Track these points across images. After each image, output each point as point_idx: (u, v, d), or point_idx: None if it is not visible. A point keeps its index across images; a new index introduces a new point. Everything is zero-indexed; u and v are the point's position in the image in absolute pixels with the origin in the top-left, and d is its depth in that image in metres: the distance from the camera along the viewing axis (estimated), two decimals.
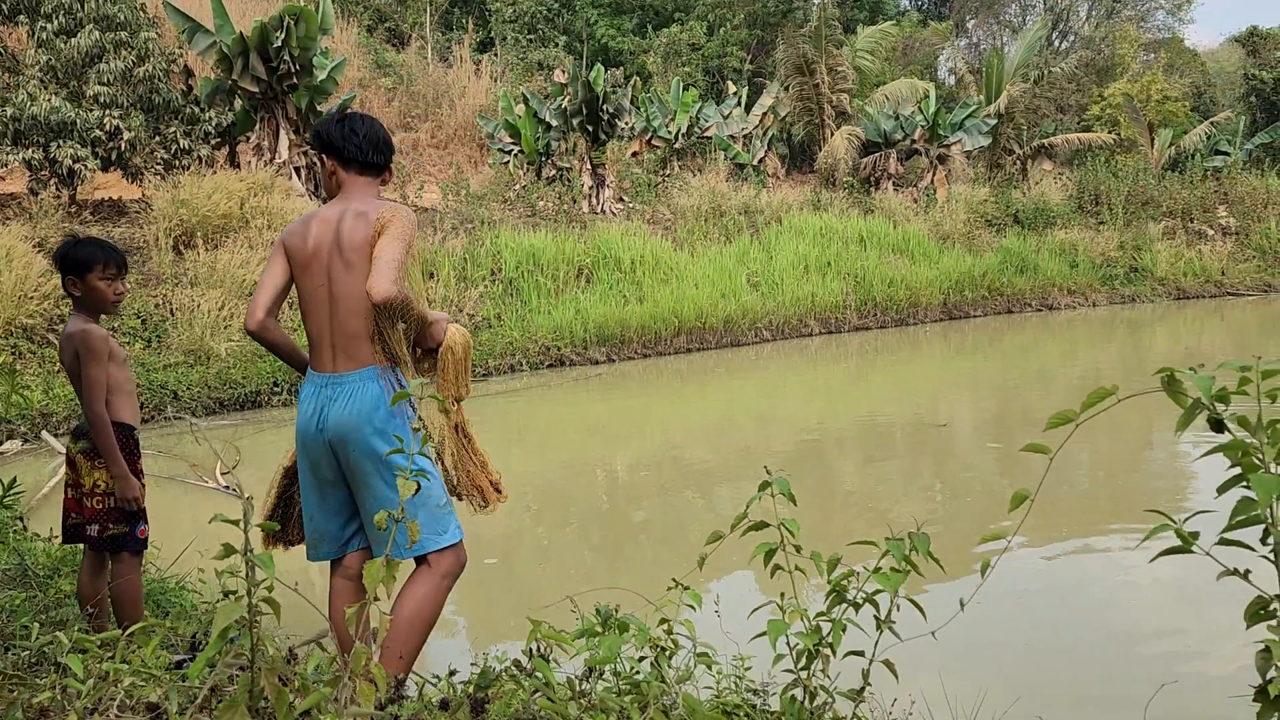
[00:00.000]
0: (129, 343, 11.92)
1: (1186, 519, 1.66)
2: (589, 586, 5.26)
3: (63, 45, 14.37)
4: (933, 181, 24.65)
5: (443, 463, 3.30)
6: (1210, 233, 24.95)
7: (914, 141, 25.01)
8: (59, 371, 11.14)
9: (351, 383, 3.03)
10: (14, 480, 5.70)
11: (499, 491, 3.40)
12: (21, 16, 14.69)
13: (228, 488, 7.82)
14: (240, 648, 1.61)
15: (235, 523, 1.61)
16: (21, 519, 5.66)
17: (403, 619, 2.90)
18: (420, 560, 3.05)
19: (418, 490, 3.03)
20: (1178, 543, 1.65)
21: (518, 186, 20.42)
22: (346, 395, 3.02)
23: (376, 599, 1.83)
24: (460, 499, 3.35)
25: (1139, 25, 40.19)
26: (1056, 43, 41.44)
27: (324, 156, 3.24)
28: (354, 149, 3.18)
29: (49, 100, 13.71)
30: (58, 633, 2.44)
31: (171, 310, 12.53)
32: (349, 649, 2.51)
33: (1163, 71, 34.42)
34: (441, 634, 5.00)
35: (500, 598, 5.66)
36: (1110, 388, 1.61)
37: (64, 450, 3.99)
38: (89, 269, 3.61)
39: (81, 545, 3.79)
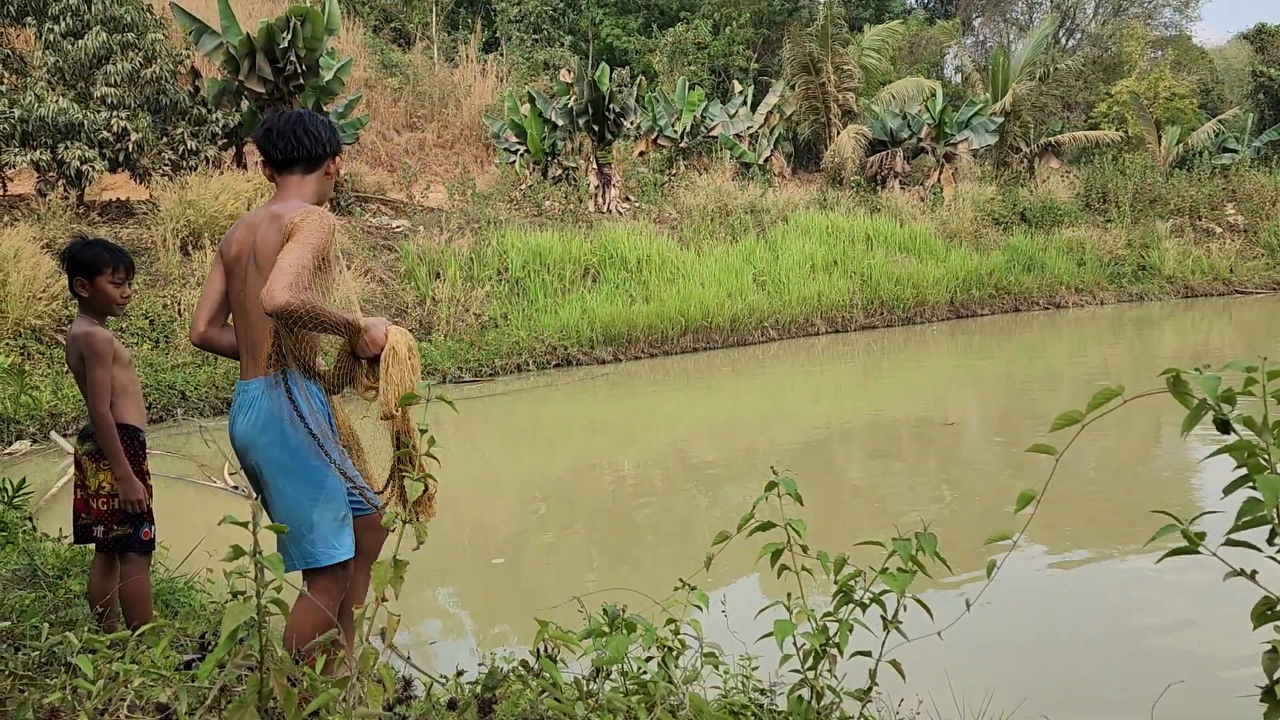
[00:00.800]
0: (136, 343, 11.96)
1: (1193, 520, 1.66)
2: (595, 586, 5.27)
3: (70, 47, 14.41)
4: (939, 180, 24.62)
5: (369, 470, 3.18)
6: (1218, 230, 24.89)
7: (920, 140, 24.99)
8: (67, 372, 11.19)
9: (253, 390, 2.97)
10: (23, 481, 5.72)
11: (419, 510, 3.19)
12: (29, 18, 14.74)
13: (235, 488, 7.85)
14: (249, 648, 1.62)
15: (244, 524, 1.62)
16: (30, 519, 5.69)
17: (294, 624, 2.79)
18: (312, 573, 2.96)
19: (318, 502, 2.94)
20: (1184, 543, 1.65)
21: (524, 186, 20.45)
22: (249, 403, 2.96)
23: (384, 599, 1.83)
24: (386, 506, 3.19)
25: (1146, 23, 40.09)
26: (1063, 40, 41.36)
27: (263, 166, 3.19)
28: (271, 148, 3.10)
29: (56, 102, 13.75)
30: (67, 633, 2.45)
31: (179, 311, 12.57)
32: (310, 657, 2.48)
33: (1170, 69, 34.34)
34: (448, 634, 5.01)
35: (507, 597, 5.66)
36: (1116, 388, 1.60)
37: (72, 451, 4.00)
38: (98, 271, 3.62)
39: (91, 545, 3.82)
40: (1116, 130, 29.18)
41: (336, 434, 3.06)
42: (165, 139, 15.39)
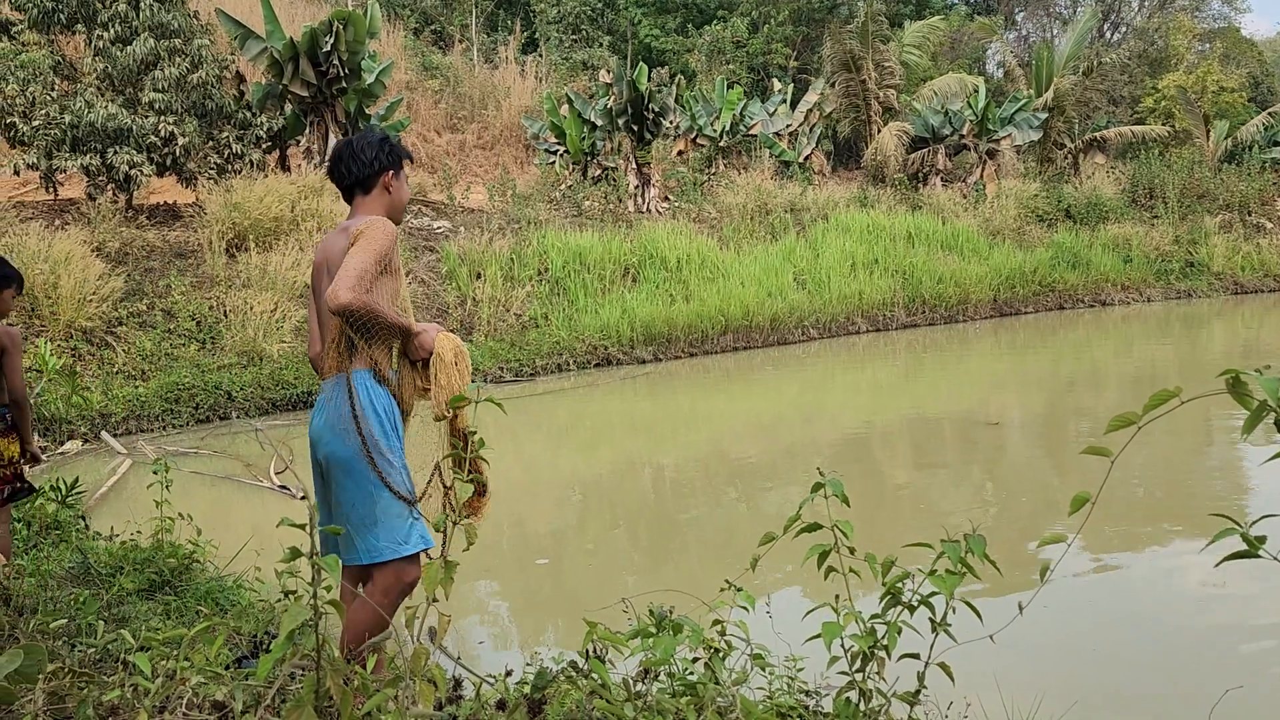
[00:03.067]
0: (184, 344, 12.15)
1: (1253, 523, 1.63)
2: (639, 586, 5.27)
3: (119, 53, 14.67)
4: (982, 177, 24.38)
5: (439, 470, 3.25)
6: (1269, 225, 24.42)
7: (962, 137, 24.75)
8: (117, 373, 11.38)
9: (330, 389, 3.10)
10: (76, 480, 5.84)
11: (470, 511, 3.30)
12: (79, 26, 15.02)
13: (283, 487, 7.94)
14: (305, 648, 1.63)
15: (301, 526, 1.64)
16: (83, 518, 5.80)
17: (355, 619, 2.89)
18: (374, 567, 3.02)
19: (382, 499, 3.00)
20: (1244, 547, 1.62)
21: (564, 186, 20.50)
22: (326, 400, 3.09)
23: (436, 599, 1.85)
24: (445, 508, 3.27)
25: (1193, 15, 39.36)
26: (1108, 34, 40.76)
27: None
28: (332, 178, 3.32)
29: (106, 107, 14.01)
30: (122, 630, 2.49)
31: (225, 312, 12.75)
32: (362, 656, 2.52)
33: (1218, 62, 33.71)
34: (495, 634, 5.04)
35: (551, 598, 5.68)
36: (1174, 389, 1.58)
37: (123, 451, 4.21)
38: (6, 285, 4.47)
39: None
40: (1163, 125, 28.71)
41: (401, 435, 3.14)
42: (211, 143, 15.62)
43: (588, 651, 2.19)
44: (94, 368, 11.38)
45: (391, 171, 3.27)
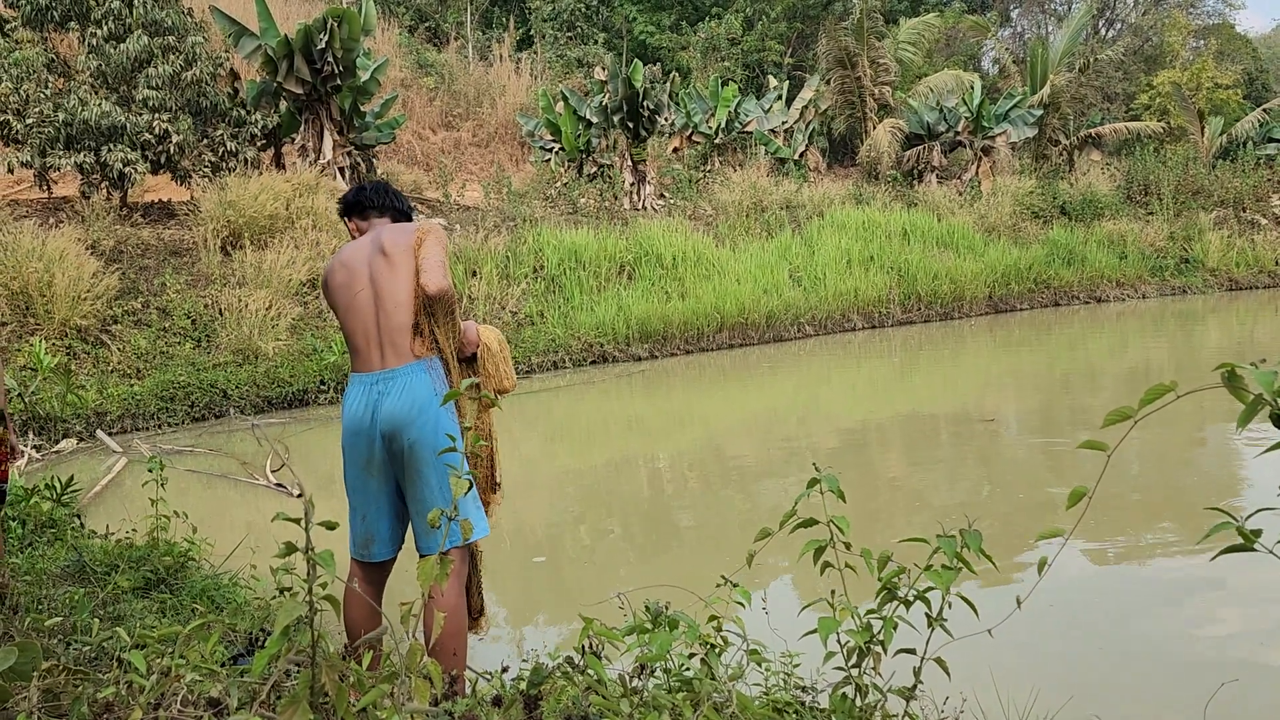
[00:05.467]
0: (179, 342, 12.13)
1: (1248, 517, 1.63)
2: (635, 583, 5.27)
3: (113, 51, 14.62)
4: (977, 173, 24.40)
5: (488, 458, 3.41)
6: (1263, 222, 24.47)
7: (958, 133, 24.76)
8: (111, 372, 11.36)
9: (403, 376, 3.12)
10: (71, 478, 5.84)
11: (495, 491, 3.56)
12: (73, 23, 14.98)
13: (279, 485, 7.93)
14: (300, 644, 1.63)
15: (297, 521, 1.64)
16: (78, 516, 5.79)
17: (446, 604, 2.95)
18: (456, 550, 3.14)
19: (471, 487, 3.08)
20: (1239, 540, 1.62)
21: (559, 184, 20.49)
22: (399, 389, 3.11)
23: (431, 596, 1.84)
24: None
25: (1188, 12, 39.39)
26: (1103, 30, 40.79)
27: (349, 220, 3.57)
28: (365, 199, 3.55)
29: (100, 105, 13.96)
30: (117, 628, 2.49)
31: (220, 310, 12.73)
32: (358, 653, 2.54)
33: (1213, 58, 33.75)
34: (492, 631, 5.04)
35: (548, 595, 5.68)
36: (1169, 383, 1.58)
37: (119, 449, 4.16)
38: None
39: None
40: (1158, 122, 28.76)
41: None
42: (205, 141, 15.58)
43: (584, 647, 2.19)
44: (89, 366, 11.36)
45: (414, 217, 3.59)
